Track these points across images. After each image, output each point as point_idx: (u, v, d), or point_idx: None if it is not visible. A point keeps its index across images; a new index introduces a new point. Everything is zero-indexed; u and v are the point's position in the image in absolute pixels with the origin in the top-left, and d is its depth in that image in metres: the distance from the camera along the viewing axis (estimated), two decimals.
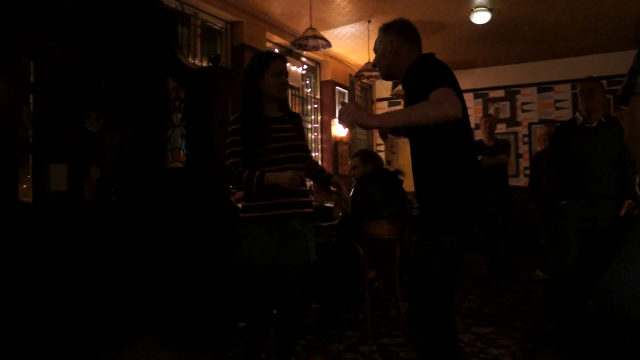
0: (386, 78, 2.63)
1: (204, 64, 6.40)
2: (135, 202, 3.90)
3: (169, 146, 3.99)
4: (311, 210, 2.87)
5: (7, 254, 2.97)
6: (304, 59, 8.52)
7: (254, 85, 2.79)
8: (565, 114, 8.98)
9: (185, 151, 3.89)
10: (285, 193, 2.69)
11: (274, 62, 2.81)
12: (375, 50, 2.58)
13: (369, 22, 7.61)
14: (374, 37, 7.99)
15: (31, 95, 3.53)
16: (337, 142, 9.04)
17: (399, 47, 2.46)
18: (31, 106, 3.52)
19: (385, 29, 2.53)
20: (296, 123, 2.94)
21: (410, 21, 2.56)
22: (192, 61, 6.31)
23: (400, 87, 8.21)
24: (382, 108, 10.78)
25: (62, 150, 3.66)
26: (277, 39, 7.77)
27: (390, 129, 2.68)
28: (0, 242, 2.94)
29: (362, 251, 3.95)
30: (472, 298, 5.38)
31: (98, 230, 3.64)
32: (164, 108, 3.97)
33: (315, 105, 9.04)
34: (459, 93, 2.22)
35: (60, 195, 3.60)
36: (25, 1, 3.16)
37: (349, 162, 4.78)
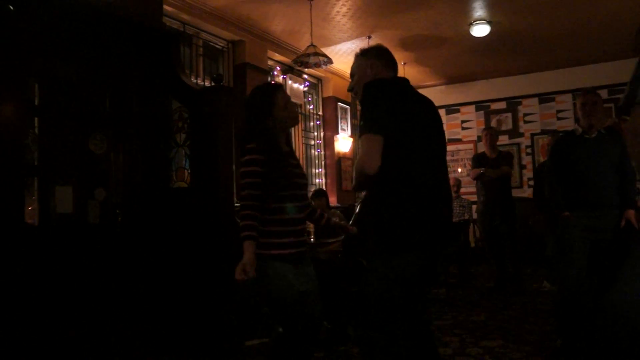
0: (356, 96, 2.61)
1: (207, 83, 6.45)
2: (140, 222, 3.91)
3: (173, 166, 4.00)
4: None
5: (14, 276, 2.97)
6: (305, 76, 8.56)
7: (265, 119, 2.72)
8: (568, 124, 9.00)
9: (189, 171, 3.91)
10: (298, 232, 2.72)
11: (277, 96, 2.75)
12: (352, 74, 2.60)
13: (369, 38, 7.65)
14: None
15: (36, 119, 3.56)
16: (341, 158, 9.05)
17: (378, 70, 2.48)
18: (36, 129, 3.55)
19: (364, 54, 2.57)
20: (297, 159, 2.93)
21: (387, 47, 2.59)
22: (195, 80, 6.36)
23: None
24: None
25: (68, 172, 3.68)
26: (278, 56, 7.82)
27: None
28: (6, 264, 2.94)
29: None
30: (480, 311, 5.35)
31: (104, 251, 3.65)
32: (168, 128, 4.00)
33: (318, 122, 9.07)
34: (409, 116, 2.31)
35: (66, 217, 3.61)
36: (32, 25, 3.19)
37: None
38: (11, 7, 2.89)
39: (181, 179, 3.97)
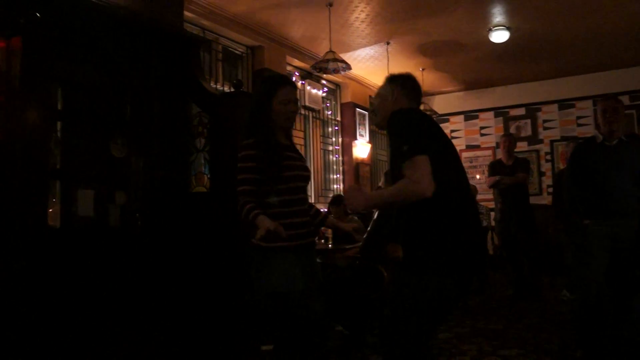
0: (379, 126, 2.64)
1: (226, 88, 6.50)
2: (160, 226, 3.94)
3: (193, 171, 4.03)
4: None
5: (37, 277, 3.01)
6: (324, 82, 8.58)
7: (264, 111, 2.75)
8: (588, 131, 8.91)
9: (209, 176, 3.94)
10: (304, 224, 2.73)
11: (282, 89, 2.75)
12: (376, 96, 2.65)
13: (387, 43, 7.66)
14: (393, 58, 8.04)
15: (59, 123, 3.61)
16: (359, 164, 9.04)
17: (398, 99, 2.51)
18: (58, 133, 3.60)
19: (390, 80, 2.61)
20: (299, 152, 2.95)
21: (416, 78, 2.63)
22: (214, 86, 6.41)
23: (421, 107, 8.15)
24: None
25: (89, 176, 3.73)
26: (297, 62, 7.85)
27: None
28: (30, 266, 2.98)
29: (386, 273, 3.94)
30: (498, 319, 5.31)
31: (124, 254, 3.68)
32: (188, 133, 4.03)
33: (336, 127, 9.07)
34: (439, 138, 2.35)
35: (87, 220, 3.65)
36: (55, 31, 3.24)
37: (380, 182, 4.79)
38: (37, 15, 2.94)
39: (201, 184, 4.00)
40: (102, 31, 3.65)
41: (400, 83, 2.56)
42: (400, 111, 2.40)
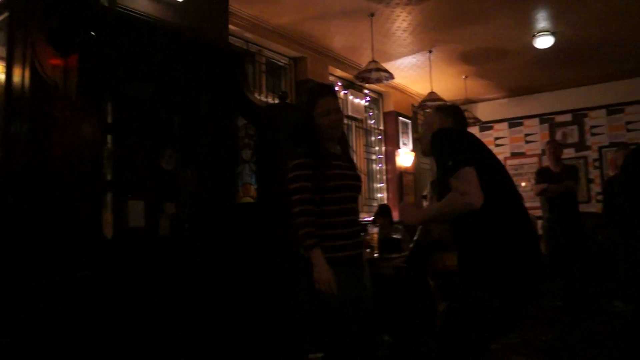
0: (425, 153, 2.69)
1: (270, 100, 6.58)
2: (208, 235, 4.01)
3: (240, 182, 4.10)
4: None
5: (94, 286, 3.10)
6: (366, 91, 8.60)
7: (307, 122, 2.76)
8: (638, 136, 8.68)
9: (255, 186, 3.99)
10: (353, 234, 2.73)
11: (321, 100, 2.75)
12: (422, 124, 2.75)
13: (430, 52, 7.63)
14: (436, 66, 8.01)
15: (109, 136, 3.73)
16: (402, 173, 9.01)
17: (443, 123, 2.59)
18: (109, 145, 3.71)
19: (437, 109, 2.75)
20: (351, 161, 2.93)
21: (460, 108, 2.74)
22: (258, 97, 6.50)
23: None
24: None
25: (139, 187, 3.83)
26: (339, 72, 7.90)
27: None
28: (91, 275, 3.06)
29: (432, 283, 3.92)
30: (547, 330, 5.20)
31: (173, 264, 3.76)
32: (234, 145, 4.10)
33: (379, 136, 9.07)
34: (483, 150, 2.41)
35: (138, 230, 3.75)
36: (108, 48, 3.35)
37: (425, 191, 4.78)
38: (92, 34, 3.05)
39: (247, 194, 4.06)
40: (151, 47, 3.77)
41: (446, 112, 2.66)
42: (441, 130, 2.48)
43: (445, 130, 2.47)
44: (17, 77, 3.46)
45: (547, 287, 7.08)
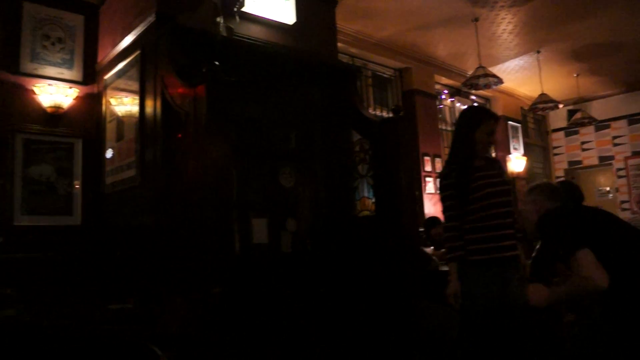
0: (532, 236, 2.79)
1: (377, 112, 6.64)
2: (328, 250, 4.10)
3: (357, 196, 4.17)
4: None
5: (232, 301, 3.25)
6: (473, 97, 8.45)
7: (465, 140, 2.92)
8: None
9: (373, 200, 4.04)
10: (501, 237, 2.74)
11: (486, 122, 2.92)
12: (525, 203, 2.85)
13: (538, 52, 7.41)
14: (545, 67, 7.74)
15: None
16: (515, 178, 8.74)
17: (542, 205, 2.65)
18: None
19: (530, 190, 2.83)
20: (496, 167, 2.99)
21: (551, 184, 2.84)
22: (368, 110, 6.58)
23: (578, 115, 7.76)
24: (558, 138, 10.30)
25: (261, 205, 4.00)
26: (445, 80, 7.83)
27: None
28: (226, 291, 3.22)
29: None
30: None
31: (295, 279, 3.87)
32: (350, 160, 4.18)
33: None
34: (603, 223, 2.38)
35: (262, 247, 3.90)
36: (230, 74, 3.54)
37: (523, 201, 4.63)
38: (216, 63, 3.25)
39: (365, 208, 4.12)
40: (266, 69, 3.94)
41: (539, 191, 2.75)
42: (547, 214, 2.49)
43: (551, 213, 2.48)
44: (149, 108, 3.76)
45: None
